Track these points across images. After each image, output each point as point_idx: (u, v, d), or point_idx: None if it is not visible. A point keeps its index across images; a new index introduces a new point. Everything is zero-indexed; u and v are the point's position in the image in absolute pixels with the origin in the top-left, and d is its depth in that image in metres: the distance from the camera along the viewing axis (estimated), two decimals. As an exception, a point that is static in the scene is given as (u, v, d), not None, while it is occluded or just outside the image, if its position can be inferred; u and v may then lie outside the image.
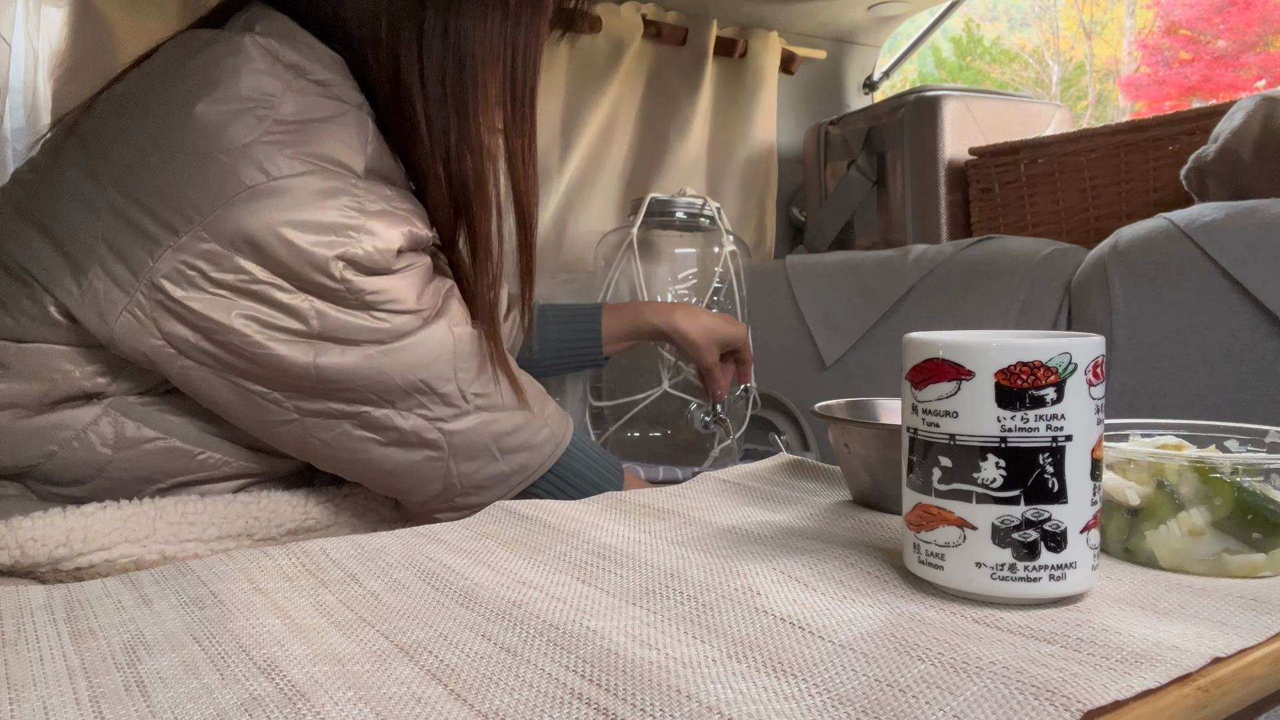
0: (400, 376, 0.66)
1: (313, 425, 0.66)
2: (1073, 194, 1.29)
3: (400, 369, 0.66)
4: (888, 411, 0.67)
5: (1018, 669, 0.35)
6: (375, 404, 0.66)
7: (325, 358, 0.63)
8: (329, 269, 0.62)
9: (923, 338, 0.44)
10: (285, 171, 0.61)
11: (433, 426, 0.68)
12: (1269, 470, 0.47)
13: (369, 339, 0.65)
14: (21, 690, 0.36)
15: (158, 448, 0.66)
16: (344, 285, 0.63)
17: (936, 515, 0.43)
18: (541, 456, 0.75)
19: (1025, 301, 1.08)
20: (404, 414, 0.67)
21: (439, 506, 0.73)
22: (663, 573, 0.48)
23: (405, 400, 0.67)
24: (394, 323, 0.66)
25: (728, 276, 1.18)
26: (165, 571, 0.50)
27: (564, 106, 1.47)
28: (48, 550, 0.59)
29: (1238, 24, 8.91)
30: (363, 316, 0.64)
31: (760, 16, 1.61)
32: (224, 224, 0.59)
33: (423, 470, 0.70)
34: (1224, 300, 0.89)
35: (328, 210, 0.62)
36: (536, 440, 0.74)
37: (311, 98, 0.64)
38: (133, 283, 0.60)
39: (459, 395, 0.69)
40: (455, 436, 0.69)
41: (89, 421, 0.64)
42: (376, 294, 0.64)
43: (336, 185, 0.63)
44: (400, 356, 0.66)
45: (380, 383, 0.65)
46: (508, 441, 0.72)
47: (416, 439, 0.68)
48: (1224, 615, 0.41)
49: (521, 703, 0.34)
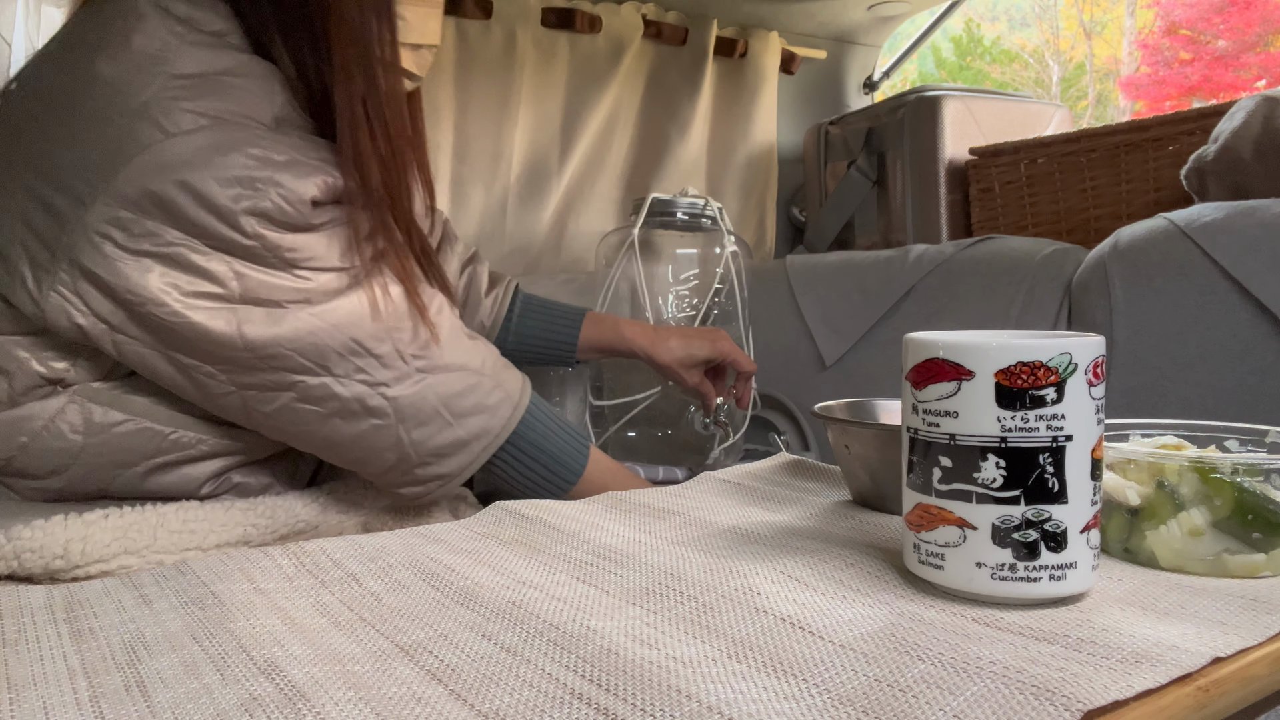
0: (331, 337, 0.64)
1: (253, 399, 0.65)
2: (1073, 194, 1.29)
3: (330, 329, 0.64)
4: (888, 412, 0.67)
5: (1018, 669, 0.35)
6: (311, 372, 0.64)
7: (252, 327, 0.62)
8: (239, 223, 0.60)
9: (923, 338, 0.44)
10: (185, 126, 0.59)
11: (375, 392, 0.66)
12: (1269, 470, 0.47)
13: (294, 299, 0.63)
14: (21, 690, 0.36)
15: (128, 430, 0.66)
16: (258, 241, 0.61)
17: (936, 515, 0.43)
18: (500, 419, 0.72)
19: (1025, 301, 1.08)
20: (342, 381, 0.65)
21: (399, 480, 0.71)
22: (663, 573, 0.48)
23: (341, 365, 0.65)
24: (318, 281, 0.64)
25: (729, 277, 1.18)
26: (165, 571, 0.50)
27: (564, 106, 1.48)
28: (44, 562, 0.59)
29: (1238, 24, 8.91)
30: (285, 276, 0.62)
31: (760, 16, 1.61)
32: (128, 187, 0.58)
33: (372, 440, 0.68)
34: (1224, 300, 0.89)
35: (231, 162, 0.60)
36: (490, 402, 0.71)
37: (207, 50, 0.63)
38: (52, 260, 0.60)
39: (397, 356, 0.66)
40: (400, 401, 0.67)
41: (56, 410, 0.64)
42: (295, 251, 0.62)
43: (240, 137, 0.61)
44: (329, 317, 0.64)
45: (311, 345, 0.63)
46: (459, 404, 0.70)
47: (360, 407, 0.66)
48: (1224, 615, 0.41)
49: (521, 703, 0.34)
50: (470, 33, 1.37)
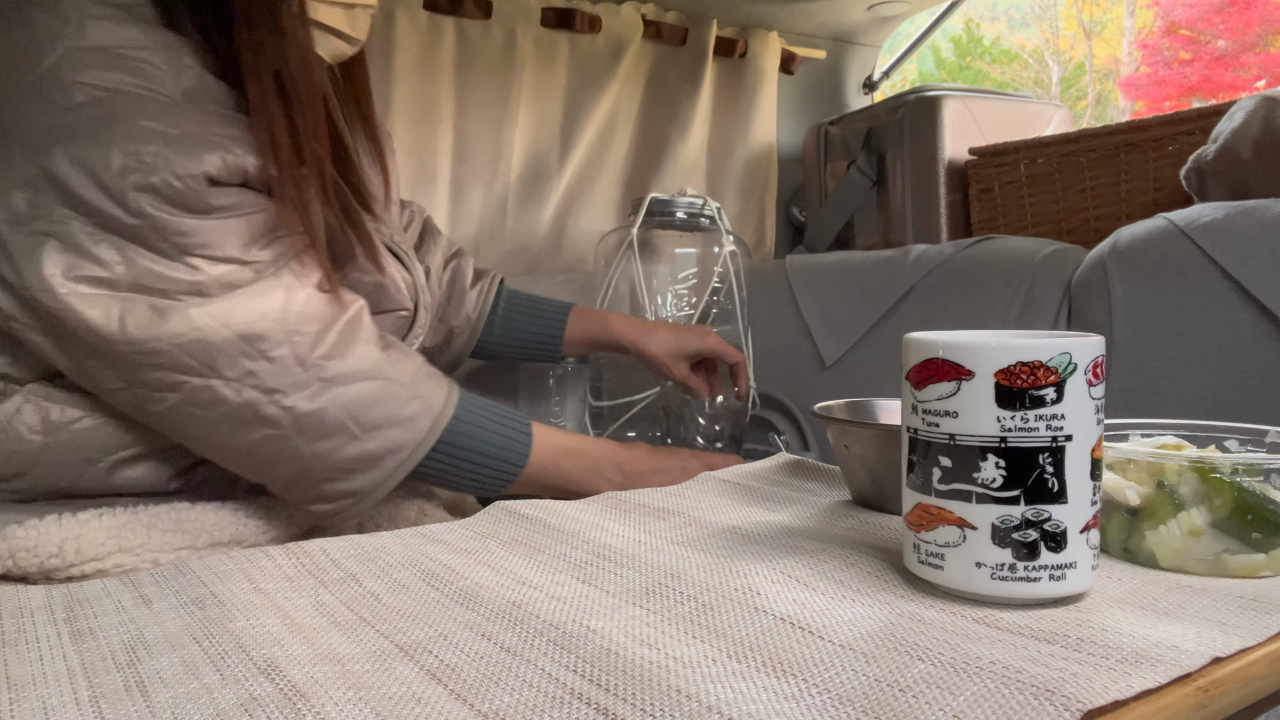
0: (220, 336, 0.59)
1: (143, 398, 0.61)
2: (1073, 194, 1.29)
3: (220, 328, 0.59)
4: (888, 411, 0.67)
5: (1018, 669, 0.35)
6: (197, 373, 0.60)
7: (134, 319, 0.58)
8: (126, 200, 0.57)
9: (923, 338, 0.44)
10: (78, 99, 0.57)
11: (268, 400, 0.61)
12: (1269, 470, 0.47)
13: (185, 291, 0.58)
14: (21, 690, 0.36)
15: (88, 426, 0.64)
16: (144, 220, 0.58)
17: (936, 515, 0.43)
18: (417, 432, 0.67)
19: (1025, 301, 1.08)
20: (232, 385, 0.60)
21: (304, 496, 0.66)
22: (663, 573, 0.48)
23: (231, 367, 0.60)
24: (213, 273, 0.59)
25: (728, 276, 1.18)
26: (165, 571, 0.50)
27: (564, 106, 1.48)
28: (39, 561, 0.58)
29: (1238, 24, 8.91)
30: (175, 265, 0.58)
31: (760, 16, 1.61)
32: (22, 162, 0.57)
33: (267, 451, 0.63)
34: (1224, 300, 0.89)
35: (122, 135, 0.57)
36: (406, 413, 0.66)
37: (111, 24, 0.60)
38: None
39: (294, 362, 0.62)
40: (298, 411, 0.62)
41: (12, 413, 0.62)
42: (187, 236, 0.58)
43: (134, 109, 0.58)
44: (222, 314, 0.59)
45: (198, 344, 0.59)
46: (368, 416, 0.64)
47: (252, 415, 0.61)
48: (1224, 615, 0.41)
49: (521, 702, 0.34)
50: (470, 33, 1.37)
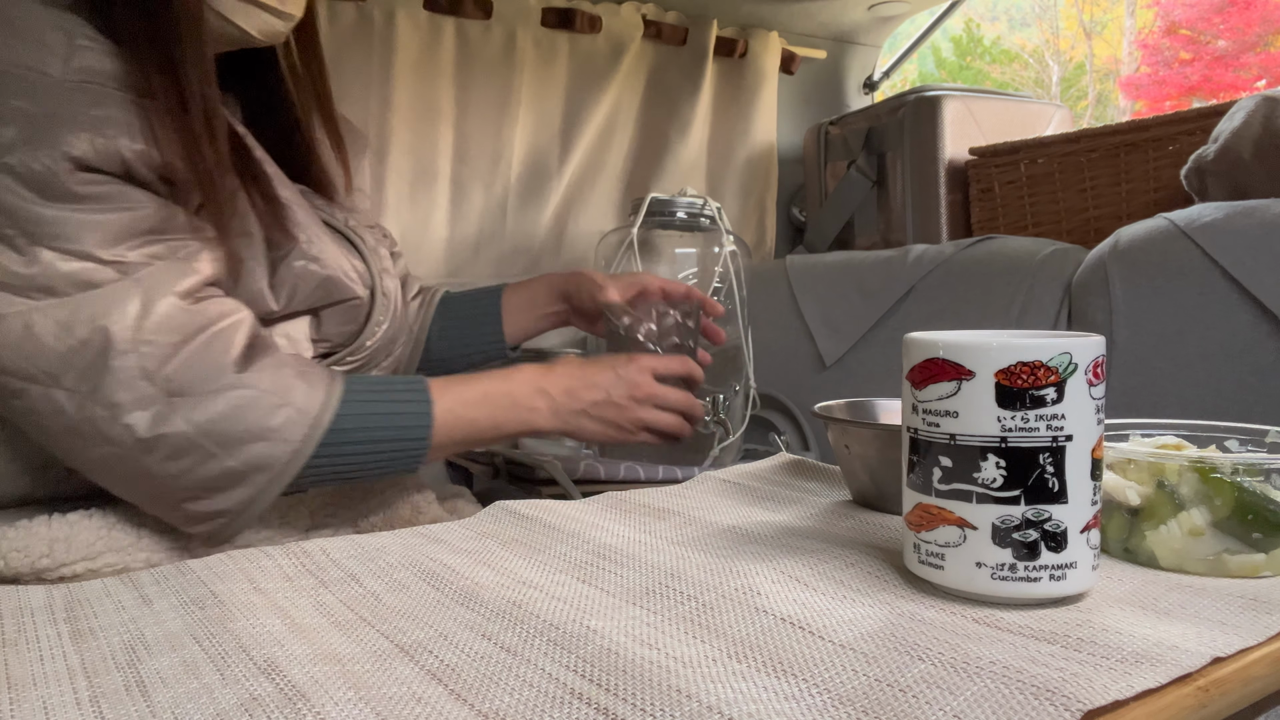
0: (61, 341, 0.54)
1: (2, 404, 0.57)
2: (1073, 194, 1.29)
3: (62, 331, 0.54)
4: (888, 411, 0.67)
5: (1018, 669, 0.35)
6: (35, 380, 0.55)
7: None
8: None
9: (923, 338, 0.44)
10: None
11: (110, 416, 0.56)
12: (1269, 470, 0.47)
13: (27, 285, 0.54)
14: (21, 690, 0.36)
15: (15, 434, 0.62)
16: None
17: (936, 515, 0.43)
18: (289, 444, 0.60)
19: (1025, 301, 1.08)
20: (72, 396, 0.55)
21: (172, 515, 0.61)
22: (663, 573, 0.48)
23: (68, 374, 0.55)
24: (64, 269, 0.55)
25: (728, 276, 1.18)
26: (165, 571, 0.50)
27: (564, 106, 1.48)
28: (30, 561, 0.57)
29: (1238, 24, 8.91)
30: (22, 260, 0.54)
31: (760, 16, 1.61)
32: None
33: (115, 469, 0.58)
34: (1224, 300, 0.89)
35: None
36: (272, 424, 0.60)
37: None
38: None
39: (139, 375, 0.56)
40: (139, 430, 0.56)
41: None
42: (40, 225, 0.54)
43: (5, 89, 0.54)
44: (65, 316, 0.54)
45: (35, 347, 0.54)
46: (225, 430, 0.58)
47: (91, 430, 0.56)
48: (1224, 615, 0.41)
49: (521, 702, 0.34)
50: (470, 33, 1.37)
